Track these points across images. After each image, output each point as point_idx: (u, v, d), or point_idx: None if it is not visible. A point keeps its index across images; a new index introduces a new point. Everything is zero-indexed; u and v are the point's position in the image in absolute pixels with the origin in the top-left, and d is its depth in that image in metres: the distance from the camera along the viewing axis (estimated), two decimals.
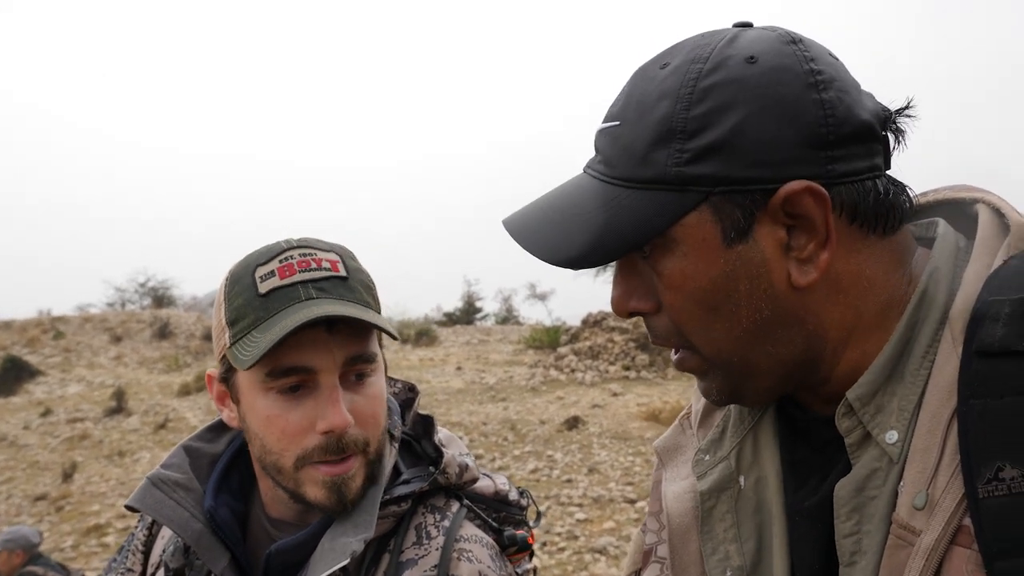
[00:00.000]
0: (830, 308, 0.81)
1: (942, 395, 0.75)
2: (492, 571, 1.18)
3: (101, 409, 15.75)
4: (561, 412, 12.60)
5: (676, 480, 1.00)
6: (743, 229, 0.78)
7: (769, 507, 0.91)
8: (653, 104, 0.80)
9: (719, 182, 0.77)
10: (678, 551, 0.95)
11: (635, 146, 0.80)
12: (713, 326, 0.82)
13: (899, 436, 0.78)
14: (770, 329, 0.81)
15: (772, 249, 0.79)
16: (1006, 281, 0.76)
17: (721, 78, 0.78)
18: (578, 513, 8.54)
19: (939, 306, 0.80)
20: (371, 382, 1.18)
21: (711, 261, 0.79)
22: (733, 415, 0.97)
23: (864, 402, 0.80)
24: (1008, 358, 0.71)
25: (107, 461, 12.56)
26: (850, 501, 0.80)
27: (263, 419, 1.14)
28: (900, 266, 0.83)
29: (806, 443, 0.90)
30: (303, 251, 1.17)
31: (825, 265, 0.79)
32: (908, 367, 0.80)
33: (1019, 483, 0.67)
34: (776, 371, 0.84)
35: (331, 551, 1.11)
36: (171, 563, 1.24)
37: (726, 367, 0.84)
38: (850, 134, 0.78)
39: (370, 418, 1.17)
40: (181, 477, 1.25)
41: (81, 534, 9.50)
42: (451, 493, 1.28)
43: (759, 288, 0.80)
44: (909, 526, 0.74)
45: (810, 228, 0.78)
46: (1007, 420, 0.69)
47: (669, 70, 0.81)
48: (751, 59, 0.78)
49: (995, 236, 0.81)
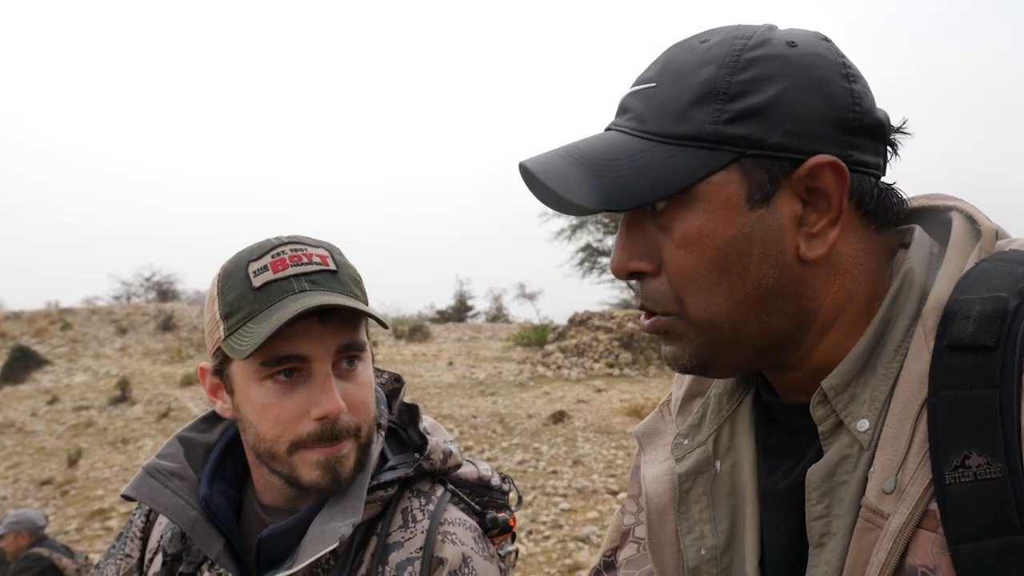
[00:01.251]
0: (826, 287, 0.82)
1: (913, 386, 0.76)
2: (475, 552, 1.18)
3: (106, 398, 15.67)
4: (547, 407, 12.61)
5: (655, 463, 1.00)
6: (767, 194, 0.79)
7: (743, 490, 0.92)
8: (695, 69, 0.80)
9: (752, 145, 0.78)
10: (655, 530, 0.96)
11: (672, 104, 0.80)
12: (717, 288, 0.81)
13: (870, 424, 0.79)
14: (770, 298, 0.81)
15: (788, 219, 0.80)
16: (977, 282, 0.77)
17: (765, 52, 0.79)
18: (562, 503, 8.55)
19: (912, 303, 0.81)
20: (361, 370, 1.19)
21: (731, 221, 0.79)
22: (712, 403, 0.97)
23: (838, 391, 0.81)
24: (978, 353, 0.72)
25: (111, 448, 12.50)
26: (821, 485, 0.80)
27: (258, 407, 1.14)
28: (887, 262, 0.84)
29: (781, 430, 0.91)
30: (294, 247, 1.17)
31: (833, 243, 0.80)
32: (881, 360, 0.80)
33: (985, 470, 0.68)
34: (760, 342, 0.83)
35: (321, 535, 1.11)
36: (168, 548, 1.24)
37: (713, 333, 0.83)
38: (869, 126, 0.81)
39: (361, 404, 1.17)
40: (176, 466, 1.24)
41: (85, 518, 9.46)
42: (436, 478, 1.28)
43: (770, 255, 0.80)
44: (878, 510, 0.74)
45: (824, 205, 0.79)
46: (976, 411, 0.70)
47: (712, 43, 0.82)
48: (792, 43, 0.80)
49: (967, 241, 0.83)
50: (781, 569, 0.87)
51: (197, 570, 1.22)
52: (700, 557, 0.91)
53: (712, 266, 0.80)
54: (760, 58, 0.79)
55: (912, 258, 0.83)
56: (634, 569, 1.03)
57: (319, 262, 1.16)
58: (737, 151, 0.78)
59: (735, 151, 0.78)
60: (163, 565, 1.24)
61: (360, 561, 1.17)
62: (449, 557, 1.15)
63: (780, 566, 0.87)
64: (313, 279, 1.14)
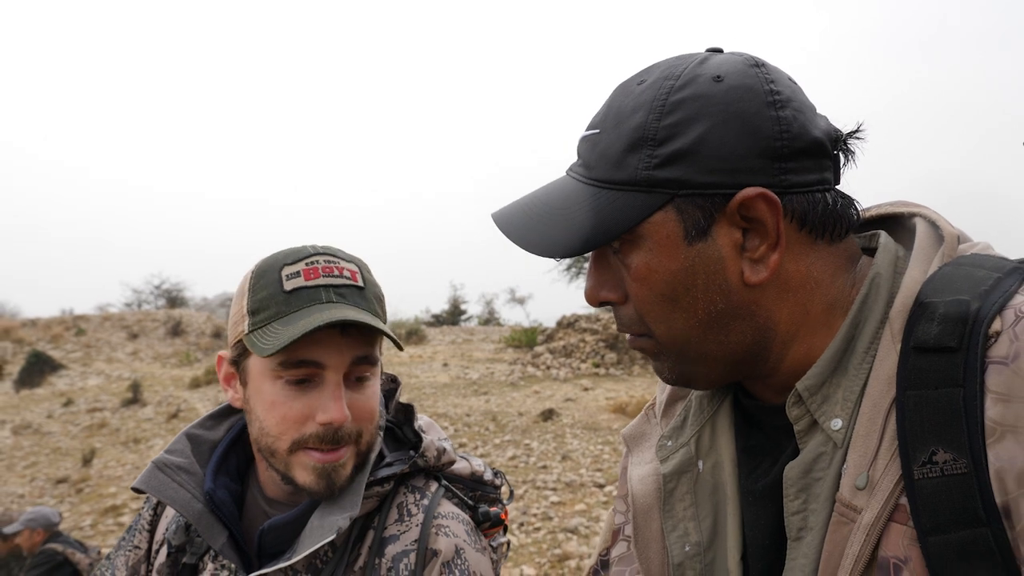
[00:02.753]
0: (779, 305, 0.82)
1: (882, 386, 0.76)
2: (468, 544, 1.18)
3: (118, 400, 15.56)
4: (537, 405, 12.59)
5: (641, 464, 1.00)
6: (703, 229, 0.79)
7: (725, 489, 0.92)
8: (629, 114, 0.81)
9: (683, 185, 0.78)
10: (641, 528, 0.95)
11: (611, 151, 0.81)
12: (672, 315, 0.82)
13: (843, 423, 0.78)
14: (723, 321, 0.82)
15: (728, 248, 0.80)
16: (940, 285, 0.77)
17: (689, 93, 0.79)
18: (552, 496, 8.53)
19: (880, 307, 0.81)
20: (371, 382, 1.18)
21: (673, 256, 0.80)
22: (694, 406, 0.97)
23: (812, 392, 0.81)
24: (942, 353, 0.72)
25: (123, 447, 12.41)
26: (798, 482, 0.80)
27: (267, 403, 1.13)
28: (845, 271, 0.84)
29: (759, 430, 0.90)
30: (328, 258, 1.17)
31: (775, 266, 0.80)
32: (852, 361, 0.80)
33: (951, 466, 0.68)
34: (726, 359, 0.84)
35: (319, 528, 1.11)
36: (173, 540, 1.24)
37: (680, 353, 0.85)
38: (802, 149, 0.79)
39: (366, 414, 1.17)
40: (183, 461, 1.24)
41: (99, 514, 9.38)
42: (430, 474, 1.28)
43: (714, 283, 0.80)
44: (851, 504, 0.74)
45: (762, 231, 0.79)
46: (941, 409, 0.70)
47: (645, 85, 0.82)
48: (718, 78, 0.79)
49: (931, 246, 0.83)
50: (762, 563, 0.86)
51: (200, 561, 1.22)
52: (685, 553, 0.91)
53: (663, 297, 0.82)
54: (684, 100, 0.79)
55: (879, 263, 0.83)
56: (625, 566, 1.02)
57: (349, 277, 1.16)
58: (669, 192, 0.79)
59: (667, 192, 0.79)
60: (168, 556, 1.24)
61: (358, 554, 1.16)
62: (443, 549, 1.15)
63: (761, 560, 0.86)
64: (341, 292, 1.14)
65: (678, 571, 0.91)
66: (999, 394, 0.68)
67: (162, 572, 1.23)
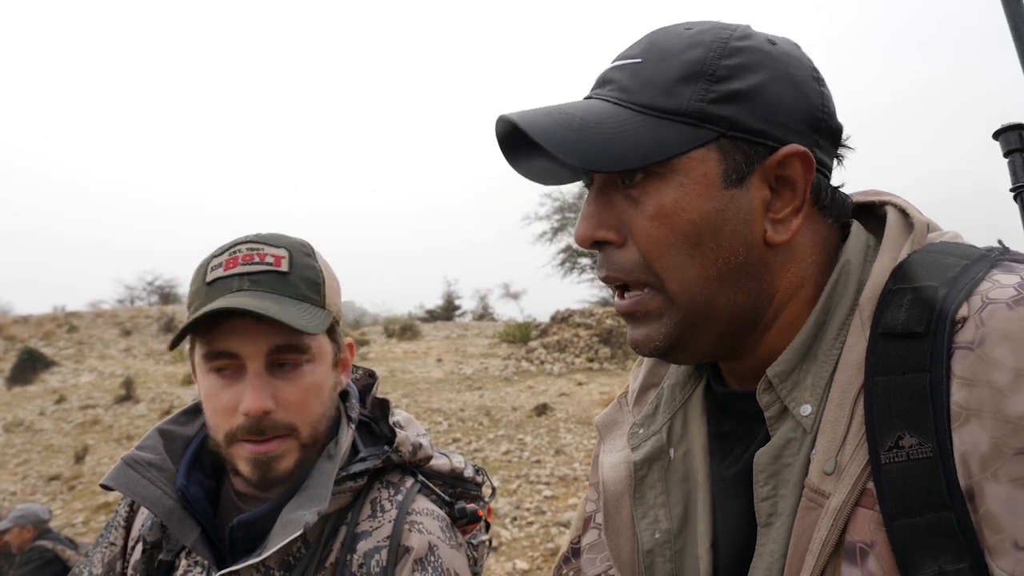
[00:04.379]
0: (784, 271, 0.82)
1: (851, 372, 0.76)
2: (442, 541, 1.17)
3: (111, 397, 15.52)
4: (531, 399, 12.60)
5: (613, 452, 0.99)
6: (742, 175, 0.79)
7: (695, 476, 0.91)
8: (683, 49, 0.79)
9: (734, 126, 0.78)
10: (612, 516, 0.95)
11: (659, 79, 0.79)
12: (691, 262, 0.79)
13: (812, 409, 0.78)
14: (737, 276, 0.80)
15: (758, 202, 0.80)
16: (909, 272, 0.77)
17: (750, 44, 0.80)
18: (545, 490, 8.54)
19: (850, 294, 0.81)
20: (304, 371, 1.15)
21: (707, 196, 0.78)
22: (666, 394, 0.97)
23: (782, 379, 0.81)
24: (909, 339, 0.72)
25: (116, 444, 12.38)
26: (768, 467, 0.80)
27: (205, 396, 1.15)
28: (834, 256, 0.85)
29: (731, 417, 0.90)
30: (252, 246, 1.16)
31: (795, 230, 0.80)
32: (821, 348, 0.80)
33: (917, 450, 0.68)
34: (727, 321, 0.82)
35: (288, 523, 1.10)
36: (148, 537, 1.23)
37: (687, 308, 0.81)
38: (833, 129, 0.83)
39: (295, 405, 1.14)
40: (155, 458, 1.23)
41: (91, 511, 9.37)
42: (406, 470, 1.26)
43: (740, 233, 0.79)
44: (820, 489, 0.74)
45: (789, 194, 0.80)
46: (908, 394, 0.70)
47: (697, 30, 0.81)
48: (772, 41, 0.81)
49: (901, 234, 0.83)
50: (732, 549, 0.86)
51: (176, 558, 1.20)
52: (655, 540, 0.91)
53: (686, 239, 0.79)
54: (745, 48, 0.79)
55: (849, 250, 0.83)
56: (595, 554, 1.01)
57: (271, 263, 1.14)
58: (719, 131, 0.78)
59: (717, 130, 0.78)
60: (143, 553, 1.22)
61: (330, 549, 1.15)
62: (415, 546, 1.14)
63: (732, 546, 0.86)
64: (256, 279, 1.12)
65: (648, 558, 0.91)
66: (964, 379, 0.68)
67: (138, 569, 1.22)
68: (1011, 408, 0.65)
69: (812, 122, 0.80)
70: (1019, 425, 0.64)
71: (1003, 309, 0.69)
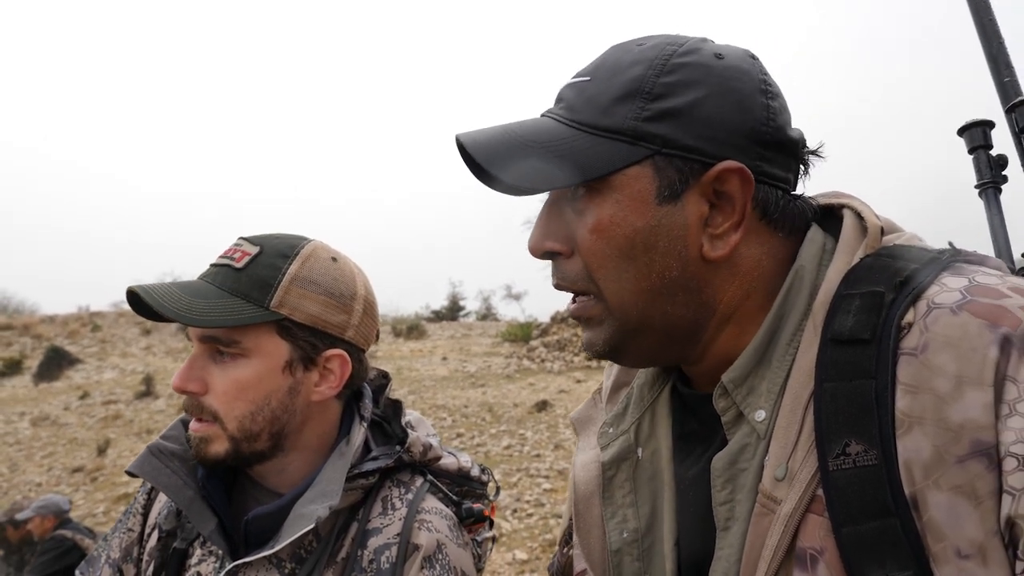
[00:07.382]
0: (726, 286, 0.80)
1: (803, 378, 0.74)
2: (449, 540, 1.16)
3: (132, 393, 15.53)
4: (532, 396, 12.57)
5: (585, 450, 0.97)
6: (676, 192, 0.77)
7: (662, 476, 0.89)
8: (627, 67, 0.79)
9: (667, 143, 0.76)
10: (583, 514, 0.93)
11: (600, 98, 0.78)
12: (625, 274, 0.79)
13: (766, 415, 0.76)
14: (672, 290, 0.79)
15: (694, 218, 0.78)
16: (859, 276, 0.75)
17: (692, 60, 0.78)
18: (545, 484, 8.52)
19: (803, 299, 0.79)
20: (237, 364, 1.12)
21: (640, 212, 0.77)
22: (635, 394, 0.95)
23: (737, 384, 0.79)
24: (856, 345, 0.70)
25: (136, 438, 12.39)
26: (724, 472, 0.78)
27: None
28: (790, 262, 0.82)
29: (695, 418, 0.88)
30: (238, 242, 1.18)
31: (734, 245, 0.78)
32: (775, 353, 0.78)
33: (863, 457, 0.66)
34: (664, 332, 0.81)
35: (301, 517, 1.09)
36: (164, 525, 1.22)
37: (623, 318, 0.81)
38: (781, 142, 0.79)
39: (221, 395, 1.11)
40: (177, 448, 1.22)
41: (112, 501, 9.38)
42: (416, 469, 1.26)
43: (674, 249, 0.78)
44: (772, 495, 0.72)
45: (729, 209, 0.78)
46: (854, 401, 0.68)
47: (647, 46, 0.80)
48: (719, 55, 0.79)
49: (855, 238, 0.81)
50: (694, 549, 0.84)
51: (190, 546, 1.20)
52: (623, 540, 0.89)
53: (621, 253, 0.78)
54: (686, 64, 0.77)
55: (803, 255, 0.81)
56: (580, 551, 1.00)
57: (235, 259, 1.14)
58: (653, 148, 0.76)
59: (651, 148, 0.76)
60: (159, 540, 1.22)
61: (341, 545, 1.14)
62: (424, 543, 1.13)
63: (693, 546, 0.84)
64: (216, 271, 1.15)
65: (616, 557, 0.89)
66: (908, 385, 0.66)
67: (153, 555, 1.22)
68: (952, 416, 0.63)
69: (755, 137, 0.77)
70: (960, 433, 0.63)
71: (947, 314, 0.67)
